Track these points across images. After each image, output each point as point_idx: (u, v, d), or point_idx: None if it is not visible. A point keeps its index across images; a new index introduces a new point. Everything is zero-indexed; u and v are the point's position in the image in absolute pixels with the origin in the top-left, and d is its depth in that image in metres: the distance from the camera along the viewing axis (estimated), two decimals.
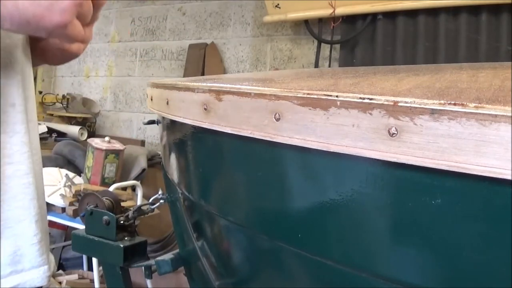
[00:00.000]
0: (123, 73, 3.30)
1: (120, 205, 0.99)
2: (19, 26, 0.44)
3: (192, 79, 0.73)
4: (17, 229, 0.55)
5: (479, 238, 0.35)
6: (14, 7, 0.43)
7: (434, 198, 0.36)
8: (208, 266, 0.69)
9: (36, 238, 0.57)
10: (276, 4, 2.40)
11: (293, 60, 2.63)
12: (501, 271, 0.34)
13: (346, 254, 0.44)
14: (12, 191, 0.54)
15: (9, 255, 0.54)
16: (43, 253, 0.58)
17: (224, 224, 0.61)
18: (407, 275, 0.40)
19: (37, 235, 0.57)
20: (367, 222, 0.42)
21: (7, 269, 0.54)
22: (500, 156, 0.31)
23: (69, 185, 2.11)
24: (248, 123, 0.47)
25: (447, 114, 0.33)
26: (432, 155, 0.34)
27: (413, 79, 0.55)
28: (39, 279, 0.57)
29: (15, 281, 0.54)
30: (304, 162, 0.45)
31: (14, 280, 0.54)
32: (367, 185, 0.40)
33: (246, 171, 0.53)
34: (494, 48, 2.02)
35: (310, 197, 0.46)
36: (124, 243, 0.90)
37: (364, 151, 0.38)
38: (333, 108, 0.40)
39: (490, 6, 2.01)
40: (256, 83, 0.54)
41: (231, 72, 2.79)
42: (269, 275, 0.57)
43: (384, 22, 2.23)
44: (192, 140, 0.60)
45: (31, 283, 0.56)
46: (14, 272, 0.54)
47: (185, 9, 3.03)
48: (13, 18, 0.43)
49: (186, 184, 0.67)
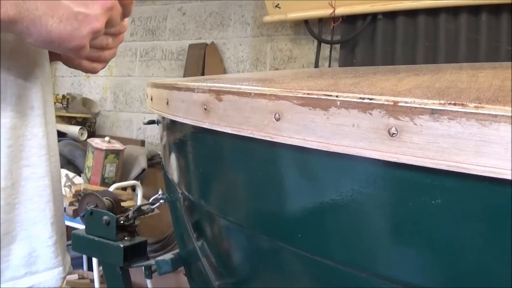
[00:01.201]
0: (123, 73, 3.30)
1: (120, 205, 0.99)
2: (42, 43, 0.46)
3: (192, 79, 0.73)
4: (32, 231, 0.56)
5: (479, 238, 0.35)
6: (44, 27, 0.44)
7: (434, 198, 0.36)
8: (208, 266, 0.69)
9: (51, 240, 0.58)
10: (276, 4, 2.40)
11: (293, 60, 2.63)
12: (501, 271, 0.34)
13: (346, 254, 0.44)
14: (28, 193, 0.55)
15: (23, 257, 0.55)
16: (58, 254, 0.59)
17: (224, 224, 0.61)
18: (407, 275, 0.40)
19: (52, 237, 0.58)
20: (367, 222, 0.42)
21: (21, 270, 0.54)
22: (500, 156, 0.31)
23: (69, 185, 2.11)
24: (248, 123, 0.47)
25: (447, 114, 0.33)
26: (432, 155, 0.34)
27: (413, 79, 0.55)
28: (53, 280, 0.58)
29: (29, 282, 0.55)
30: (304, 162, 0.45)
31: (29, 281, 0.55)
32: (367, 185, 0.40)
33: (246, 171, 0.53)
34: (494, 48, 2.02)
35: (310, 197, 0.46)
36: (124, 243, 0.90)
37: (364, 151, 0.38)
38: (333, 108, 0.40)
39: (490, 6, 2.01)
40: (256, 83, 0.54)
41: (231, 72, 2.79)
42: (269, 275, 0.57)
43: (384, 22, 2.24)
44: (192, 140, 0.60)
45: (45, 284, 0.57)
46: (29, 274, 0.55)
47: (185, 9, 3.03)
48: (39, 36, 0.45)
49: (186, 184, 0.67)
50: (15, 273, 0.54)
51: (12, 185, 0.53)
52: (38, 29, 0.44)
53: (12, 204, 0.53)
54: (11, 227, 0.53)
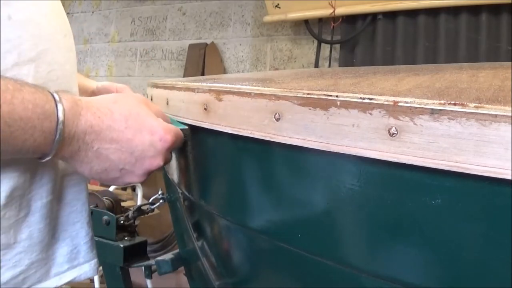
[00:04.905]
0: (123, 73, 3.30)
1: (120, 205, 0.99)
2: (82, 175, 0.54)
3: (192, 79, 0.73)
4: (72, 231, 0.62)
5: (479, 238, 0.35)
6: (86, 171, 0.50)
7: (434, 198, 0.36)
8: (208, 266, 0.69)
9: (88, 236, 0.64)
10: (276, 4, 2.40)
11: (293, 60, 2.63)
12: (501, 271, 0.34)
13: (346, 254, 0.44)
14: (67, 198, 0.61)
15: (66, 255, 0.61)
16: (93, 248, 0.66)
17: (224, 224, 0.61)
18: (407, 275, 0.40)
19: (88, 234, 0.65)
20: (367, 222, 0.42)
21: (64, 266, 0.61)
22: (500, 156, 0.31)
23: None
24: (248, 123, 0.47)
25: (447, 114, 0.33)
26: (432, 155, 0.34)
27: (413, 79, 0.56)
28: (91, 271, 0.65)
29: (72, 276, 0.62)
30: (304, 162, 0.45)
31: (71, 274, 0.62)
32: (367, 185, 0.40)
33: (246, 171, 0.53)
34: (494, 48, 2.02)
35: (309, 197, 0.46)
36: (124, 243, 0.90)
37: (364, 151, 0.38)
38: (333, 108, 0.40)
39: (490, 6, 2.01)
40: (256, 83, 0.54)
41: (231, 72, 2.79)
42: (269, 275, 0.57)
43: (384, 22, 2.23)
44: (192, 140, 0.60)
45: (85, 275, 0.64)
46: (71, 268, 0.62)
47: (185, 9, 3.03)
48: (81, 172, 0.51)
49: (186, 184, 0.67)
50: (60, 268, 0.60)
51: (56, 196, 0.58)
52: (81, 169, 0.50)
53: (55, 211, 0.59)
54: (54, 231, 0.59)
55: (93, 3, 3.44)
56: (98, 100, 0.50)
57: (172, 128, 0.53)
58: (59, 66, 0.55)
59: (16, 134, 0.42)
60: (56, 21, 0.57)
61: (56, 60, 0.55)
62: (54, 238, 0.59)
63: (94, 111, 0.48)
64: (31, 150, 0.44)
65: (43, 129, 0.44)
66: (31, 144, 0.43)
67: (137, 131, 0.50)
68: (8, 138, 0.41)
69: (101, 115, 0.48)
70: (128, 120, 0.50)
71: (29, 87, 0.44)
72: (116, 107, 0.50)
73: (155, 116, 0.52)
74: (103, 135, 0.48)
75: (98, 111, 0.48)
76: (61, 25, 0.58)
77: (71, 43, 0.60)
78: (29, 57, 0.51)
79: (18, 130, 0.42)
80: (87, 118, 0.47)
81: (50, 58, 0.53)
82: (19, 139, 0.42)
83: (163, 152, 0.52)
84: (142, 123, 0.50)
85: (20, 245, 0.53)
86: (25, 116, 0.42)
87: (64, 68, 0.56)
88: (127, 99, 0.52)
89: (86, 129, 0.47)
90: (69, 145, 0.47)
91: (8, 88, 0.41)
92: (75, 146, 0.47)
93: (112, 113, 0.49)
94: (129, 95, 0.54)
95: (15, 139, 0.42)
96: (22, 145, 0.43)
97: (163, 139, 0.51)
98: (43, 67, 0.52)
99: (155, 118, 0.52)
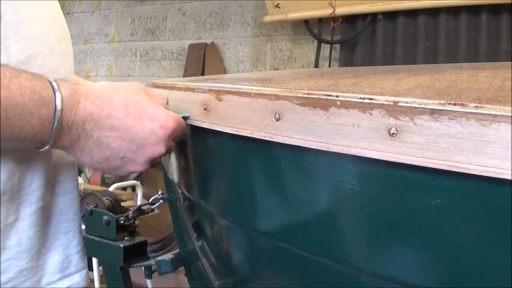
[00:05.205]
0: (123, 73, 3.30)
1: (120, 205, 0.99)
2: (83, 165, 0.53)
3: (192, 79, 0.73)
4: (65, 240, 0.61)
5: (479, 238, 0.35)
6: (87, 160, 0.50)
7: (434, 198, 0.36)
8: (208, 266, 0.69)
9: (80, 246, 0.63)
10: (276, 4, 2.40)
11: (293, 60, 2.63)
12: (501, 271, 0.34)
13: (346, 254, 0.44)
14: (59, 206, 0.60)
15: (57, 264, 0.60)
16: (84, 258, 0.65)
17: (224, 224, 0.61)
18: (407, 275, 0.40)
19: (80, 243, 0.63)
20: (367, 222, 0.42)
21: (56, 276, 0.60)
22: (500, 156, 0.31)
23: None
24: (248, 123, 0.47)
25: (447, 114, 0.33)
26: (432, 155, 0.34)
27: (413, 79, 0.56)
28: (82, 281, 0.64)
29: (63, 285, 0.61)
30: (304, 162, 0.45)
31: (62, 284, 0.60)
32: (367, 185, 0.40)
33: (246, 171, 0.53)
34: (494, 48, 2.02)
35: (309, 197, 0.46)
36: (124, 243, 0.90)
37: (364, 151, 0.38)
38: (333, 108, 0.40)
39: (490, 6, 2.01)
40: (256, 83, 0.54)
41: (231, 72, 2.79)
42: (269, 275, 0.57)
43: (384, 22, 2.23)
44: (192, 140, 0.60)
45: (77, 284, 0.63)
46: (63, 277, 0.61)
47: (185, 9, 3.03)
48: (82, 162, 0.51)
49: (186, 184, 0.67)
50: (51, 278, 0.59)
51: (47, 204, 0.57)
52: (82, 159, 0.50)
53: (46, 218, 0.57)
54: (45, 239, 0.58)
55: (93, 3, 3.44)
56: (97, 88, 0.50)
57: (173, 115, 0.53)
58: (50, 70, 0.53)
59: (13, 121, 0.41)
60: (50, 25, 0.55)
61: (47, 65, 0.53)
62: (46, 246, 0.58)
63: (93, 99, 0.47)
64: (29, 137, 0.44)
65: (41, 116, 0.43)
66: (28, 131, 0.43)
67: (137, 119, 0.49)
68: (5, 124, 0.41)
69: (100, 103, 0.48)
70: (128, 107, 0.49)
71: (27, 74, 0.43)
72: (115, 95, 0.49)
73: (156, 104, 0.52)
74: (102, 123, 0.48)
75: (97, 99, 0.48)
76: (57, 29, 0.57)
77: (67, 48, 0.59)
78: (18, 60, 0.50)
79: (15, 117, 0.41)
80: (86, 106, 0.46)
81: (40, 62, 0.52)
82: (16, 125, 0.42)
83: (165, 140, 0.51)
84: (142, 110, 0.50)
85: (9, 251, 0.52)
86: (22, 102, 0.41)
87: (57, 73, 0.54)
88: (127, 87, 0.52)
89: (85, 117, 0.46)
90: (68, 134, 0.46)
91: (5, 74, 0.41)
92: (75, 134, 0.47)
93: (111, 101, 0.49)
94: (129, 84, 0.53)
95: (12, 126, 0.41)
96: (20, 132, 0.42)
97: (164, 126, 0.50)
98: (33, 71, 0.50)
99: (155, 105, 0.51)
